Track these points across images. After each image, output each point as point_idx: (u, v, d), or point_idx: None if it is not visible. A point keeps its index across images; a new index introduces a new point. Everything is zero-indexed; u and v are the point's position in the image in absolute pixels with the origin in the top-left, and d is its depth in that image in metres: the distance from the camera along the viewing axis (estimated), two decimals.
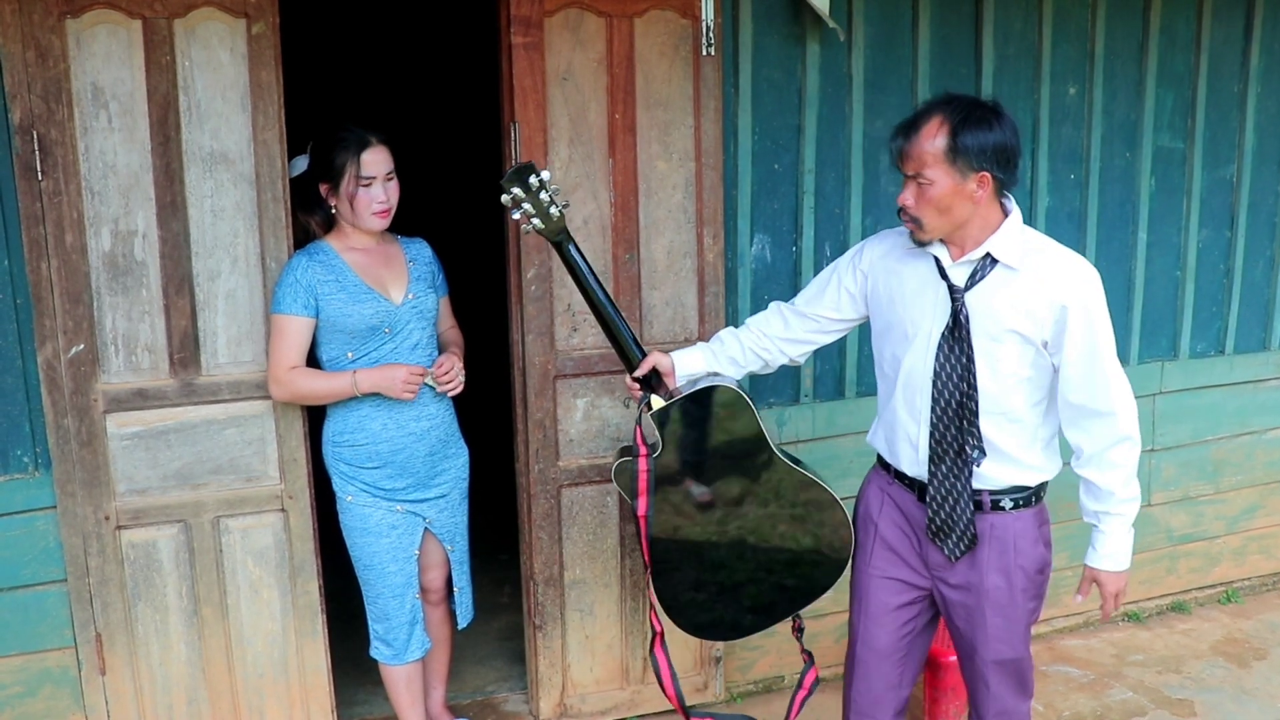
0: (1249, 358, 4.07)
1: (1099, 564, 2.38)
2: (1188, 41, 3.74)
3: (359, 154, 2.72)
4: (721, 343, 2.68)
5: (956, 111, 2.19)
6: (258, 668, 3.03)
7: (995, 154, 2.18)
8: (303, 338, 2.75)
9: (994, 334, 2.27)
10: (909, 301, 2.37)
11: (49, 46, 2.60)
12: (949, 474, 2.35)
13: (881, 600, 2.52)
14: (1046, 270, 2.26)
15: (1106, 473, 2.31)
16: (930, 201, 2.21)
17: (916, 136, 2.21)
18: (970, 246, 2.28)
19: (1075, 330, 2.24)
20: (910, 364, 2.37)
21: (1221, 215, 3.93)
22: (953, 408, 2.31)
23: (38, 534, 2.82)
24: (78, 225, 2.69)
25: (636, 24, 3.01)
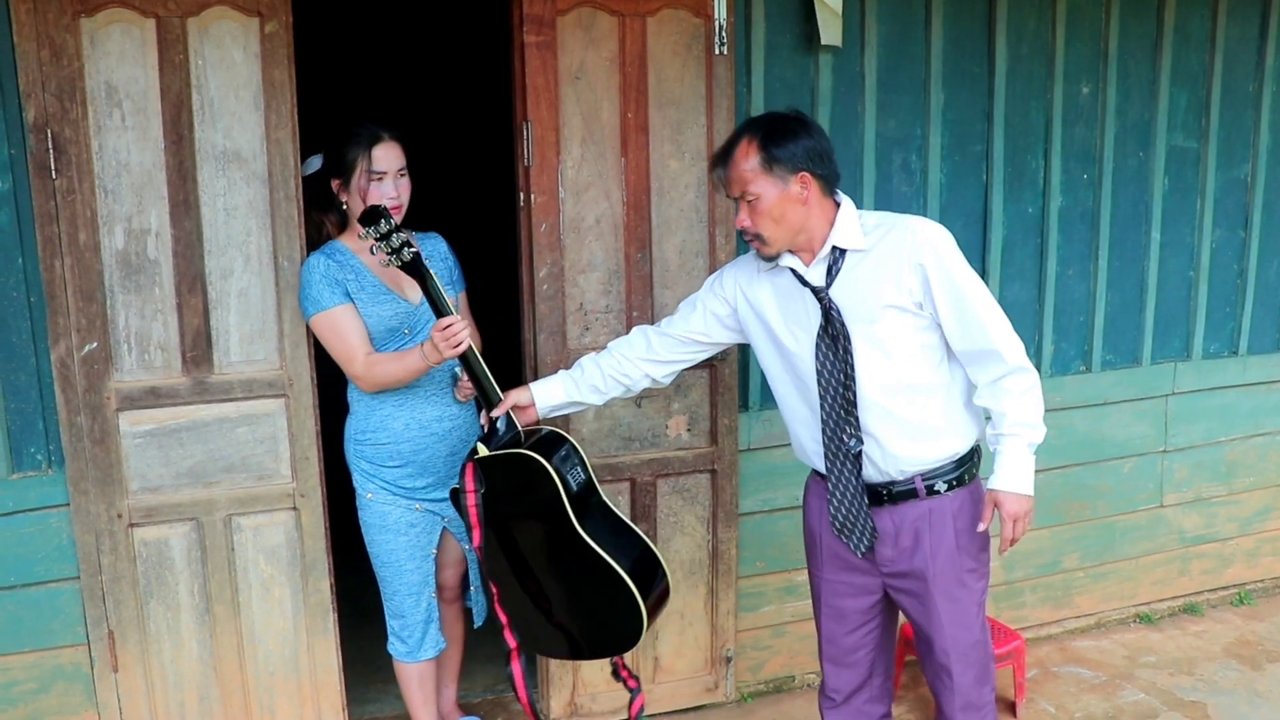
0: (1263, 359, 4.05)
1: (996, 484, 2.38)
2: (1202, 40, 3.72)
3: (370, 148, 2.72)
4: (582, 370, 2.68)
5: (760, 128, 2.32)
6: (269, 665, 3.03)
7: (808, 155, 2.29)
8: (359, 324, 2.72)
9: (869, 316, 2.32)
10: (782, 315, 2.44)
11: (63, 45, 2.61)
12: (842, 470, 2.41)
13: (839, 604, 2.58)
14: (894, 240, 2.33)
15: (1000, 398, 2.35)
16: (764, 214, 2.31)
17: (732, 160, 2.32)
18: (817, 247, 2.36)
19: (939, 285, 2.30)
20: (801, 369, 2.43)
21: (1235, 215, 3.91)
22: (838, 404, 2.37)
23: (51, 531, 2.83)
24: (91, 223, 2.70)
25: (649, 23, 3.01)
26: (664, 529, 3.28)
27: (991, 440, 2.41)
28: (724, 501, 3.31)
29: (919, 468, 2.40)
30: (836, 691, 2.66)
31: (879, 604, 2.57)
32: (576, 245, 3.06)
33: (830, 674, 2.66)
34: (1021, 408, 2.34)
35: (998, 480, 2.38)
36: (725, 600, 3.38)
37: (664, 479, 3.25)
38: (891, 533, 2.45)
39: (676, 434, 3.24)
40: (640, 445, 3.21)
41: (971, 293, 2.32)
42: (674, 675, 3.39)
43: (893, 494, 2.42)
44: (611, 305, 3.12)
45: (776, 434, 3.39)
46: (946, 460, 2.41)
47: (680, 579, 3.33)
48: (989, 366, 2.35)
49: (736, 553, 3.37)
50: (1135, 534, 3.98)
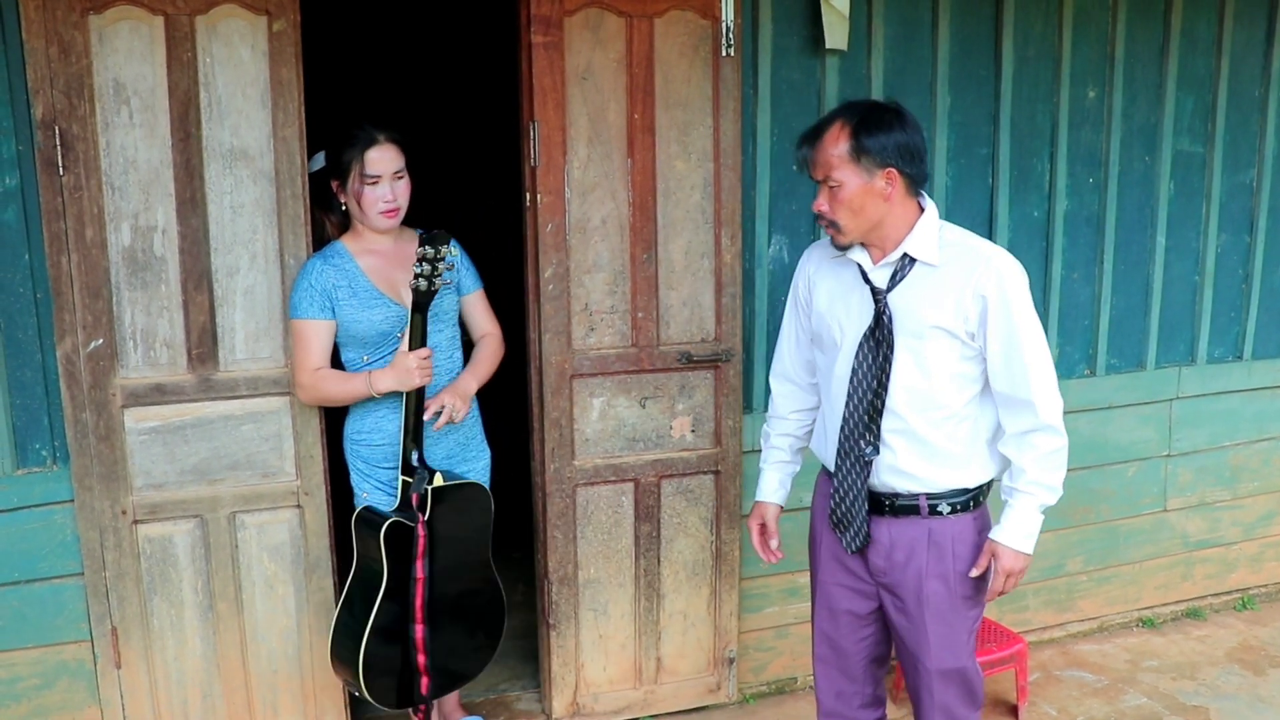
0: (1267, 363, 4.05)
1: (998, 536, 2.35)
2: (1209, 45, 3.72)
3: (364, 152, 2.72)
4: (783, 451, 2.67)
5: (855, 114, 2.26)
6: (272, 663, 3.03)
7: (898, 151, 2.23)
8: (323, 340, 2.76)
9: (917, 331, 2.29)
10: (835, 308, 2.42)
11: (71, 42, 2.61)
12: (850, 469, 2.39)
13: (837, 605, 2.54)
14: (966, 264, 2.28)
15: (1024, 452, 2.31)
16: (843, 203, 2.26)
17: (820, 143, 2.27)
18: (889, 248, 2.32)
19: (996, 321, 2.26)
20: (839, 370, 2.40)
21: (1241, 220, 3.91)
22: (863, 407, 2.34)
23: (55, 527, 2.83)
24: (98, 220, 2.71)
25: (656, 24, 3.01)
26: (667, 530, 3.28)
27: (1005, 491, 2.37)
28: (728, 503, 3.31)
29: (926, 489, 2.36)
30: (827, 694, 2.63)
31: (875, 612, 2.53)
32: (582, 245, 3.07)
33: (821, 676, 2.63)
34: (1043, 468, 2.31)
35: (1002, 533, 2.34)
36: (728, 601, 3.38)
37: (668, 480, 3.25)
38: (886, 545, 2.41)
39: (681, 435, 3.24)
40: (644, 446, 3.21)
41: (1026, 338, 2.28)
42: (676, 676, 3.40)
43: (895, 506, 2.39)
44: (617, 306, 3.12)
45: None
46: (956, 488, 2.38)
47: (684, 579, 3.33)
48: (1021, 416, 2.31)
49: (740, 554, 3.37)
50: (1139, 538, 3.98)
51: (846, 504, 2.42)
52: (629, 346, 3.15)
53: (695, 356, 3.18)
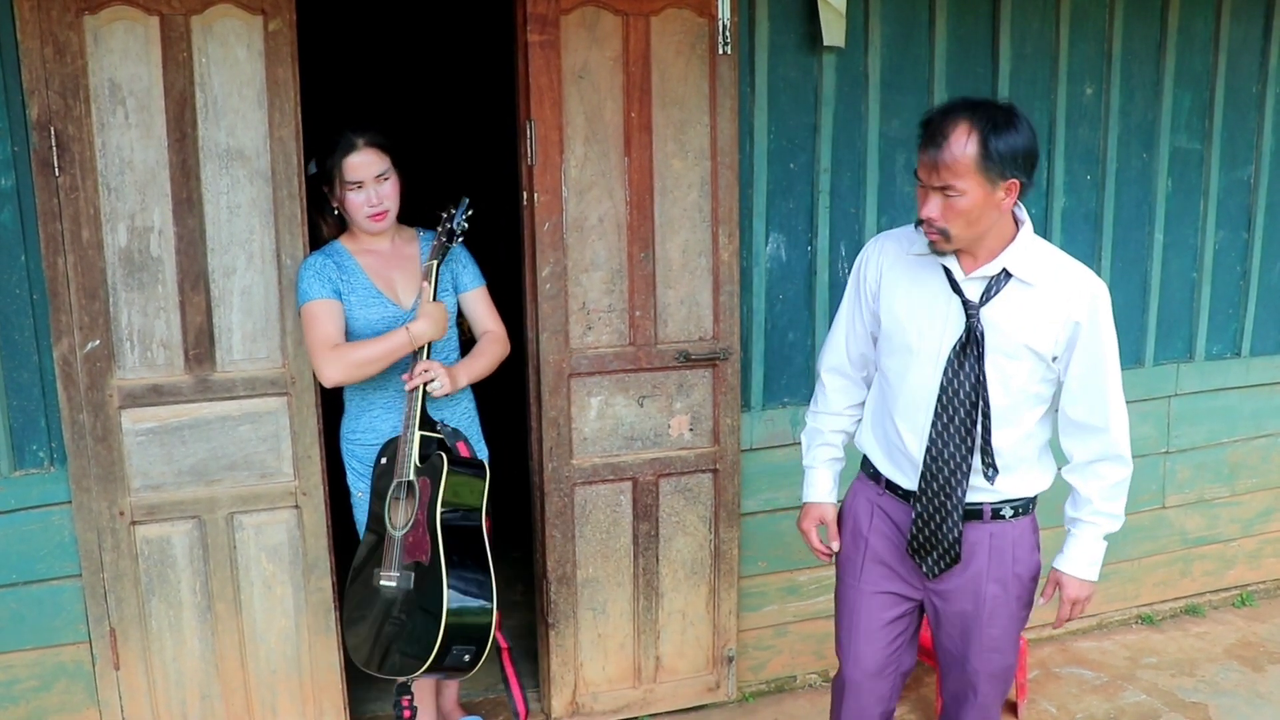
0: (1266, 360, 4.05)
1: (1063, 566, 2.35)
2: (1206, 42, 3.72)
3: (344, 158, 2.70)
4: (833, 445, 2.55)
5: (983, 117, 2.09)
6: (270, 664, 3.03)
7: (1025, 160, 2.11)
8: (338, 318, 2.71)
9: (1008, 351, 2.22)
10: (916, 313, 2.30)
11: (67, 43, 2.61)
12: (941, 490, 2.29)
13: (874, 616, 2.46)
14: (1061, 285, 2.21)
15: (1089, 481, 2.31)
16: (960, 213, 2.12)
17: (946, 145, 2.09)
18: (985, 258, 2.21)
19: (1084, 346, 2.22)
20: (915, 378, 2.30)
21: (1239, 217, 3.91)
22: (955, 424, 2.24)
23: (53, 529, 2.83)
24: (94, 221, 2.70)
25: (653, 22, 3.00)
26: (666, 528, 3.28)
27: (1068, 520, 2.36)
28: (726, 501, 3.31)
29: (991, 498, 2.32)
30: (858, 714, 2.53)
31: (910, 624, 2.47)
32: (579, 244, 3.06)
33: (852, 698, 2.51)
34: (1109, 499, 2.31)
35: (1067, 563, 2.34)
36: (727, 600, 3.38)
37: (666, 478, 3.25)
38: None
39: (679, 433, 3.24)
40: (642, 444, 3.21)
41: (1109, 365, 2.24)
42: (675, 675, 3.39)
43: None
44: (614, 304, 3.12)
45: (779, 434, 3.39)
46: (1018, 496, 2.34)
47: (682, 578, 3.33)
48: (1091, 444, 2.29)
49: (738, 553, 3.37)
50: (1137, 535, 3.98)
51: (934, 526, 2.31)
52: (627, 345, 3.15)
53: (693, 355, 3.18)
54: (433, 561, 2.62)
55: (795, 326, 3.38)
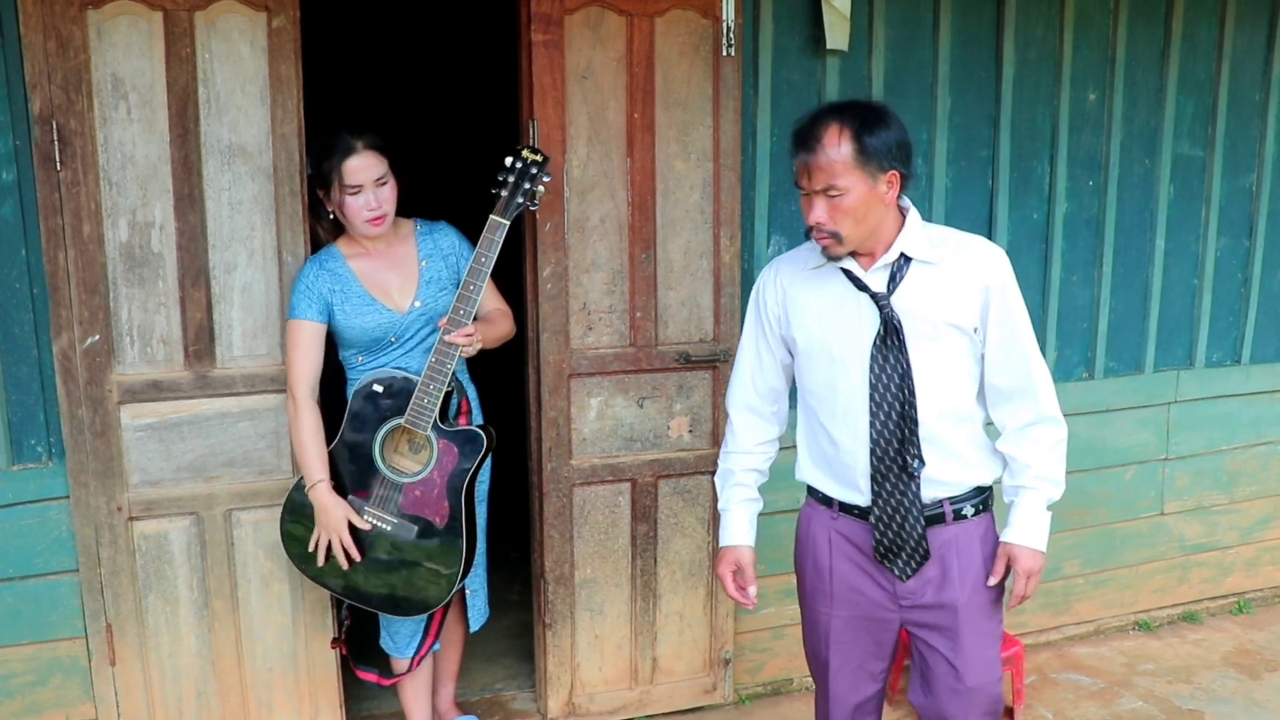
0: (1266, 368, 4.05)
1: (1011, 538, 2.26)
2: (1209, 49, 3.71)
3: (342, 162, 2.66)
4: (747, 487, 2.47)
5: (852, 116, 2.10)
6: (267, 661, 3.03)
7: (900, 150, 2.11)
8: (316, 343, 2.73)
9: (930, 333, 2.19)
10: (828, 321, 2.25)
11: (70, 37, 2.60)
12: (894, 490, 2.23)
13: (848, 647, 2.38)
14: (962, 256, 2.20)
15: (1024, 446, 2.25)
16: (846, 212, 2.10)
17: (820, 147, 2.09)
18: (880, 251, 2.20)
19: (997, 311, 2.19)
20: (846, 385, 2.24)
21: (1240, 224, 3.91)
22: (893, 420, 2.20)
23: (50, 524, 2.82)
24: (95, 216, 2.70)
25: (657, 23, 3.00)
26: (664, 530, 3.28)
27: (1008, 491, 2.30)
28: None
29: (949, 493, 2.26)
30: None
31: (890, 650, 2.38)
32: (581, 245, 3.06)
33: None
34: (1046, 462, 2.25)
35: (1014, 534, 2.26)
36: (725, 602, 3.37)
37: (665, 480, 3.25)
38: None
39: (678, 435, 3.23)
40: (642, 446, 3.21)
41: (1023, 326, 2.22)
42: (672, 676, 3.39)
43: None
44: (615, 305, 3.12)
45: None
46: (971, 487, 2.29)
47: (680, 580, 3.33)
48: (1020, 408, 2.25)
49: None
50: (1136, 541, 3.98)
51: (896, 527, 2.25)
52: (627, 346, 3.15)
53: (693, 356, 3.17)
54: (449, 529, 2.74)
55: None
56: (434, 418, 2.67)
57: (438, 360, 2.65)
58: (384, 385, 2.71)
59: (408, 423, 2.68)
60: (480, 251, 2.65)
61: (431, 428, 2.68)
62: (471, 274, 2.64)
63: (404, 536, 2.73)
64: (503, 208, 2.67)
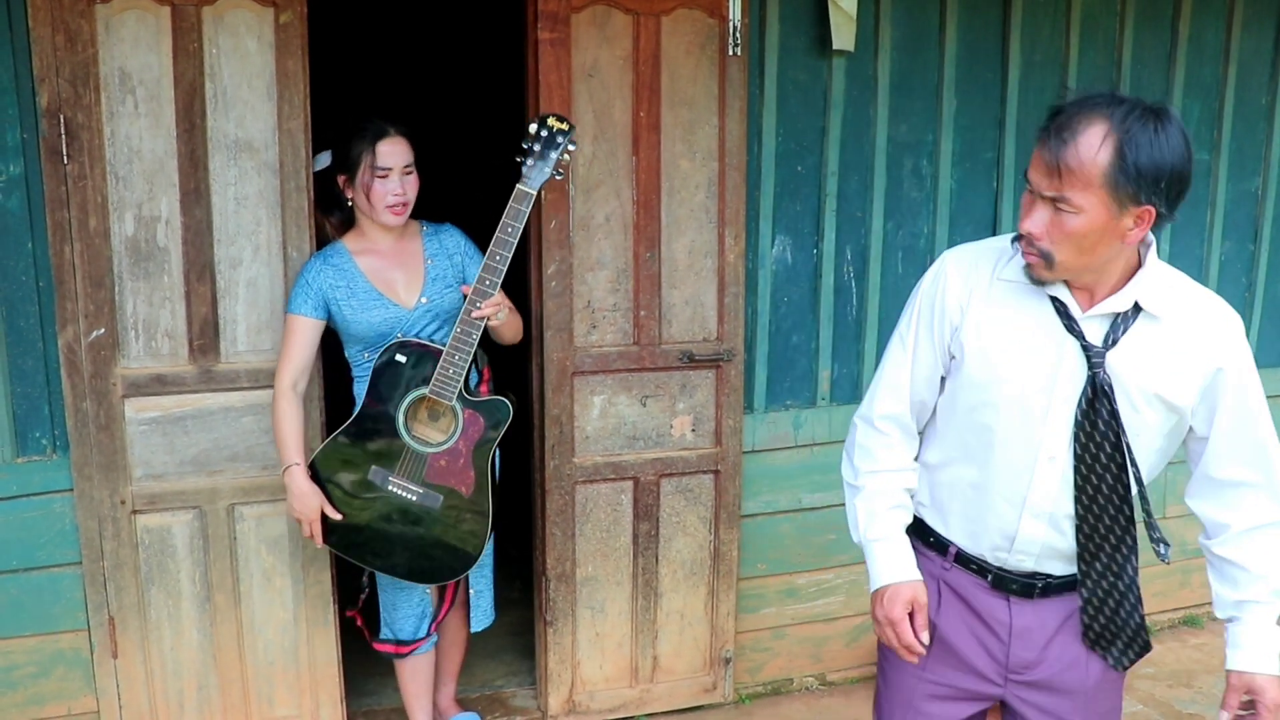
0: (1270, 372, 4.01)
1: (1249, 665, 1.84)
2: (1216, 52, 3.71)
3: (375, 144, 2.70)
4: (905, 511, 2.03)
5: (1128, 119, 1.66)
6: (268, 655, 3.03)
7: (1169, 183, 1.68)
8: (308, 338, 2.74)
9: (1135, 402, 1.81)
10: (1014, 354, 1.84)
11: (78, 31, 2.61)
12: (1107, 570, 1.89)
13: (935, 716, 2.05)
14: (1193, 321, 1.81)
15: (1254, 553, 1.87)
16: (1071, 236, 1.70)
17: (1073, 145, 1.66)
18: (1104, 293, 1.80)
19: (1230, 395, 1.81)
20: (1018, 440, 1.86)
21: (1245, 228, 3.90)
22: (1104, 493, 1.84)
23: (54, 516, 2.83)
24: (101, 209, 2.70)
25: (664, 22, 3.00)
26: (666, 528, 3.28)
27: (1228, 605, 1.90)
28: (726, 503, 3.31)
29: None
30: None
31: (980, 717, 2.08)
32: (585, 243, 3.06)
33: None
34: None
35: (1252, 660, 1.85)
36: (725, 601, 3.38)
37: (667, 478, 3.25)
38: (1035, 630, 1.95)
39: (681, 434, 3.24)
40: (644, 444, 3.21)
41: (1261, 412, 1.84)
42: (673, 675, 3.39)
43: (1049, 588, 1.94)
44: (619, 304, 3.12)
45: (781, 436, 3.39)
46: None
47: (681, 579, 3.33)
48: (1250, 506, 1.86)
49: (738, 554, 3.37)
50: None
51: (1109, 611, 1.92)
52: (631, 344, 3.15)
53: (697, 355, 3.18)
54: (475, 497, 2.77)
55: (799, 329, 3.37)
56: (459, 388, 2.68)
57: (463, 331, 2.66)
58: (407, 355, 2.72)
59: (433, 393, 2.68)
60: (506, 221, 2.64)
61: (456, 398, 2.69)
62: (497, 244, 2.64)
63: (430, 505, 2.75)
64: (529, 176, 2.66)
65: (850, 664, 3.65)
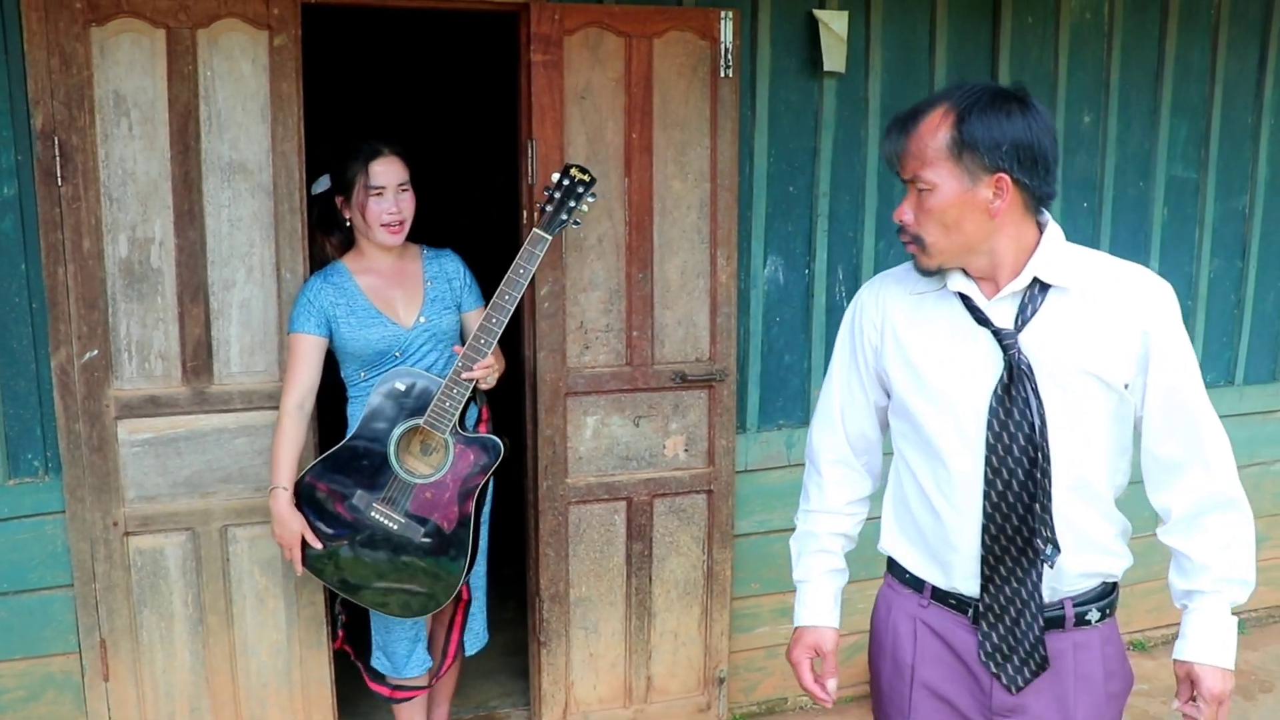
0: (1259, 389, 4.06)
1: (1194, 655, 1.80)
2: (1202, 72, 3.75)
3: (369, 163, 2.73)
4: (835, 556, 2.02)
5: (966, 97, 1.71)
6: (261, 677, 3.02)
7: (1014, 150, 1.69)
8: (313, 357, 2.75)
9: (1062, 382, 1.74)
10: (936, 361, 1.82)
11: (73, 54, 2.62)
12: (1009, 577, 1.79)
13: None
14: (1113, 289, 1.76)
15: (1198, 539, 1.81)
16: (931, 212, 1.73)
17: (915, 130, 1.73)
18: (1007, 276, 1.77)
19: (1160, 361, 1.75)
20: (957, 444, 1.81)
21: (1233, 246, 3.93)
22: (1014, 488, 1.76)
23: (46, 538, 2.82)
24: (95, 231, 2.71)
25: (655, 44, 3.02)
26: (659, 548, 3.28)
27: (1181, 596, 1.85)
28: (720, 522, 3.31)
29: (1073, 587, 1.84)
30: None
31: None
32: (578, 264, 3.07)
33: None
34: (1230, 560, 1.79)
35: (1197, 650, 1.80)
36: (719, 621, 3.38)
37: (660, 499, 3.25)
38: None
39: (674, 454, 3.24)
40: (637, 465, 3.22)
41: (1193, 383, 1.77)
42: (667, 695, 3.39)
43: None
44: (612, 324, 3.13)
45: (774, 455, 3.40)
46: (1098, 582, 1.87)
47: (675, 599, 3.33)
48: (1190, 488, 1.79)
49: (731, 574, 3.37)
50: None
51: (1007, 624, 1.81)
52: (623, 365, 3.16)
53: (689, 376, 3.19)
54: (455, 534, 2.74)
55: (792, 349, 3.39)
56: (454, 422, 2.69)
57: (464, 366, 2.68)
58: (406, 384, 2.72)
59: (427, 424, 2.69)
60: (519, 263, 2.69)
61: (449, 432, 2.69)
62: (508, 283, 2.68)
63: (409, 537, 2.74)
64: (547, 222, 2.72)
65: (844, 683, 3.63)
